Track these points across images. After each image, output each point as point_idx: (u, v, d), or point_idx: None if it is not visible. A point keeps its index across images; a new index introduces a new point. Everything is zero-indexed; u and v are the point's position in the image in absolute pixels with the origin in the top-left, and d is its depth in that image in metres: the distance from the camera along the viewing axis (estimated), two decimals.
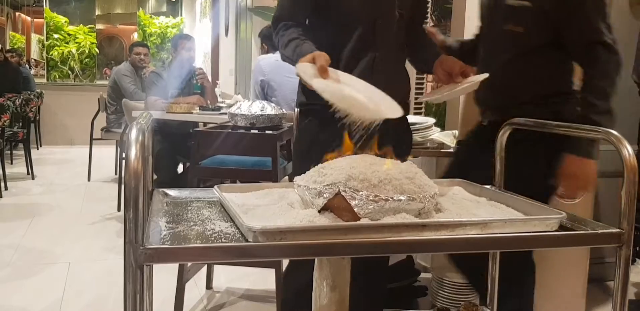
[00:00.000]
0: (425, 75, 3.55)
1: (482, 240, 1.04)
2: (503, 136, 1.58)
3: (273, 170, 2.80)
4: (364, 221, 1.03)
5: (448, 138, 2.66)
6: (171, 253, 0.92)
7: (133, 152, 0.88)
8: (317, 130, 1.90)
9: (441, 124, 3.04)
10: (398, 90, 1.87)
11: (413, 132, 2.54)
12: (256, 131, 3.05)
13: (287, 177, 3.06)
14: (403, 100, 1.95)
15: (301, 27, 1.84)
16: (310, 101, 1.91)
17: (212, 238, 0.99)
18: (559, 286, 2.74)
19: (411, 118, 2.59)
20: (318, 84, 1.39)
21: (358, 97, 1.35)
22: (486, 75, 1.73)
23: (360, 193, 1.05)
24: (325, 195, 1.07)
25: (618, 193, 1.12)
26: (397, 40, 1.94)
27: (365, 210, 1.04)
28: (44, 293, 3.05)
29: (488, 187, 1.42)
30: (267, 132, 3.05)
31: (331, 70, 1.50)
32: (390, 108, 1.44)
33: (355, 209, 1.04)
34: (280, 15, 1.88)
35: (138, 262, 0.88)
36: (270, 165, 2.81)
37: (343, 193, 1.05)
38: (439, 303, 2.57)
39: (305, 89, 1.91)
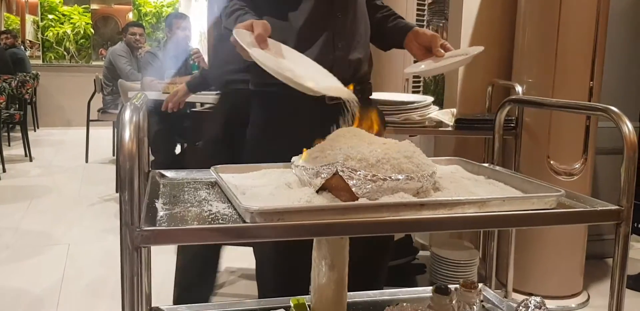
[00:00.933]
0: None
1: (481, 219, 1.03)
2: (502, 113, 1.57)
3: None
4: (362, 201, 1.03)
5: (446, 116, 2.65)
6: (168, 235, 0.92)
7: (127, 133, 0.87)
8: (273, 113, 1.79)
9: (439, 102, 3.03)
10: (358, 69, 1.80)
11: (411, 111, 2.53)
12: None
13: None
14: (365, 80, 1.87)
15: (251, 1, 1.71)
16: (267, 81, 1.79)
17: (210, 220, 0.98)
18: (557, 263, 2.76)
19: (409, 96, 2.59)
20: (255, 53, 1.28)
21: (296, 71, 1.26)
22: (481, 48, 1.65)
23: (358, 172, 1.04)
24: (322, 175, 1.07)
25: (618, 170, 1.11)
26: (359, 11, 1.82)
27: (363, 189, 1.03)
28: (43, 275, 3.06)
29: (486, 165, 1.41)
30: None
31: (272, 42, 1.39)
32: (332, 88, 1.33)
33: (353, 189, 1.04)
34: None
35: (134, 244, 0.87)
36: None
37: (341, 173, 1.04)
38: (437, 281, 2.58)
39: (257, 67, 1.76)
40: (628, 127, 1.10)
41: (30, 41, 10.57)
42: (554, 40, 2.58)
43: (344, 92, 1.27)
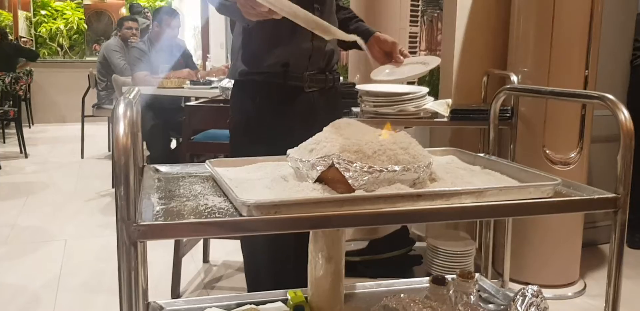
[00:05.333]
0: (417, 45, 3.52)
1: (478, 209, 1.03)
2: (497, 103, 1.57)
3: None
4: (358, 192, 1.02)
5: (442, 107, 2.64)
6: (164, 230, 0.91)
7: (121, 128, 0.86)
8: (257, 103, 1.86)
9: (435, 93, 3.02)
10: (331, 59, 1.91)
11: (406, 102, 2.53)
12: None
13: None
14: (335, 69, 1.98)
15: None
16: (252, 70, 1.86)
17: (206, 213, 0.98)
18: (553, 252, 2.76)
19: (404, 87, 2.58)
20: None
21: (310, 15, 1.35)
22: (439, 60, 1.81)
23: (355, 164, 1.04)
24: (318, 168, 1.06)
25: (612, 158, 1.11)
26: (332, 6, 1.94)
27: (360, 181, 1.03)
28: (41, 271, 3.05)
29: (482, 155, 1.41)
30: None
31: None
32: (340, 33, 1.43)
33: (350, 181, 1.03)
34: None
35: (131, 239, 0.87)
36: None
37: (337, 165, 1.04)
38: (434, 271, 2.59)
39: (245, 56, 1.87)
40: (624, 114, 1.10)
41: (23, 37, 10.51)
42: (549, 29, 2.57)
43: (349, 37, 1.44)
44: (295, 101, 1.86)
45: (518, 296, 1.27)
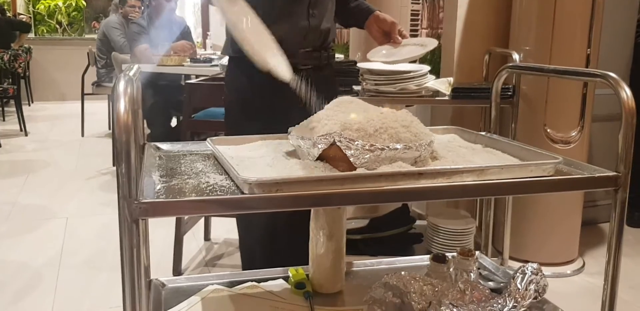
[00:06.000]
0: (419, 23, 3.49)
1: (479, 187, 1.03)
2: (499, 81, 1.56)
3: None
4: (360, 170, 1.02)
5: (443, 86, 2.64)
6: (166, 207, 0.92)
7: (122, 105, 0.86)
8: (251, 79, 1.83)
9: (436, 72, 3.01)
10: (327, 38, 1.89)
11: (408, 80, 2.52)
12: None
13: None
14: (330, 47, 1.94)
15: None
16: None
17: (207, 191, 0.98)
18: (553, 231, 2.77)
19: (405, 66, 2.57)
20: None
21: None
22: (436, 42, 1.82)
23: (356, 142, 1.03)
24: (320, 146, 1.06)
25: (612, 137, 1.11)
26: None
27: (361, 159, 1.03)
28: (43, 248, 3.07)
29: (483, 133, 1.41)
30: None
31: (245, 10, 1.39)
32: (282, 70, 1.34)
33: (351, 159, 1.03)
34: None
35: (133, 217, 0.87)
36: None
37: (338, 143, 1.04)
38: (434, 250, 2.60)
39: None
40: (626, 92, 1.09)
41: (21, 14, 10.43)
42: (551, 7, 2.55)
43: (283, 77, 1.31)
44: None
45: (518, 274, 1.27)
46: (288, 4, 1.77)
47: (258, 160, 1.16)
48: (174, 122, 5.03)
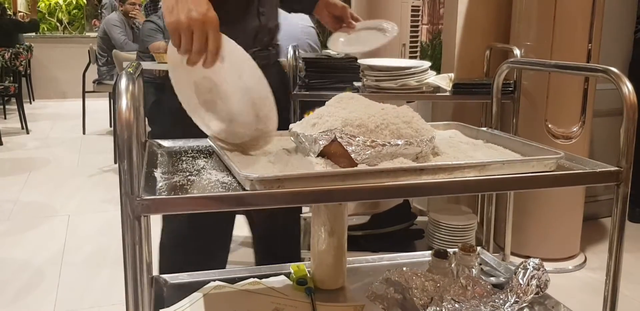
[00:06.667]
0: (420, 18, 3.49)
1: (481, 182, 1.03)
2: (500, 77, 1.56)
3: None
4: (361, 167, 1.02)
5: (444, 81, 2.63)
6: (168, 204, 0.92)
7: (124, 102, 0.86)
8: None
9: (437, 67, 3.01)
10: (274, 35, 1.83)
11: (409, 76, 2.52)
12: None
13: None
14: (276, 43, 1.87)
15: None
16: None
17: (209, 188, 0.98)
18: (554, 226, 2.78)
19: (406, 62, 2.57)
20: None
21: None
22: (395, 25, 1.78)
23: (357, 138, 1.03)
24: (321, 142, 1.06)
25: (613, 132, 1.11)
26: None
27: (363, 155, 1.03)
28: (45, 246, 3.08)
29: (484, 129, 1.40)
30: None
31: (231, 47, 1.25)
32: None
33: (353, 155, 1.03)
34: None
35: (135, 213, 0.87)
36: None
37: (339, 140, 1.04)
38: (435, 246, 2.60)
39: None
40: (628, 87, 1.09)
41: (22, 12, 10.43)
42: (552, 3, 2.55)
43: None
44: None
45: (520, 269, 1.27)
46: (241, 5, 1.70)
47: (259, 156, 1.17)
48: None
